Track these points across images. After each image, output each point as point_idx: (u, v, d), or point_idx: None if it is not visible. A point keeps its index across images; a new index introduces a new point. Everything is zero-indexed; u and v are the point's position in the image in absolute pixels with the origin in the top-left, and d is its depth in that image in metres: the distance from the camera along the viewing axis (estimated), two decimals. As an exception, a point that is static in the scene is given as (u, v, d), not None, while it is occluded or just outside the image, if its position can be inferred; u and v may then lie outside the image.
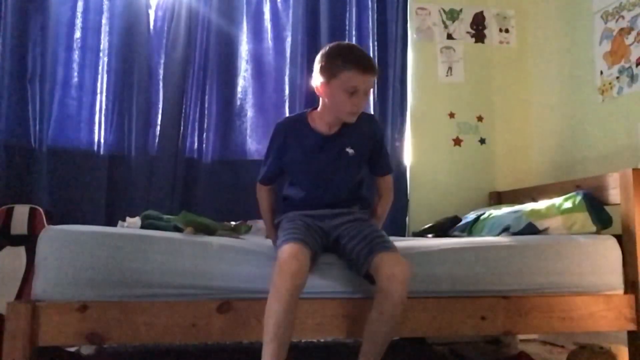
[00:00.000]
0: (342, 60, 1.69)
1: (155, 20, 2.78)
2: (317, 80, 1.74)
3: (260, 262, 1.69)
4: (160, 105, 2.75)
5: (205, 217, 1.99)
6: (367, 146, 1.86)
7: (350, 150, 1.82)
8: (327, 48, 1.76)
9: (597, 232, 2.02)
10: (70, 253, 1.59)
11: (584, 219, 2.00)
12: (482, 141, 3.09)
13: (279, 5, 2.94)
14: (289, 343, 1.51)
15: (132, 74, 2.69)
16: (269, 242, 1.91)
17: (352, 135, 1.82)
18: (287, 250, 1.53)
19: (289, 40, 2.91)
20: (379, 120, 2.88)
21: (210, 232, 1.89)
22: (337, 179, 1.83)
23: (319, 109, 1.82)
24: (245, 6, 2.88)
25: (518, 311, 1.80)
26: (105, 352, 2.23)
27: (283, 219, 1.84)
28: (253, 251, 1.74)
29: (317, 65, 1.74)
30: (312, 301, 1.68)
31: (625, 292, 1.89)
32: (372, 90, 1.78)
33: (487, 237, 2.14)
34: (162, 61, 2.77)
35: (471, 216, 2.51)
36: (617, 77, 2.46)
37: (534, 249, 1.88)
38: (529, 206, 2.22)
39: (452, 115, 3.08)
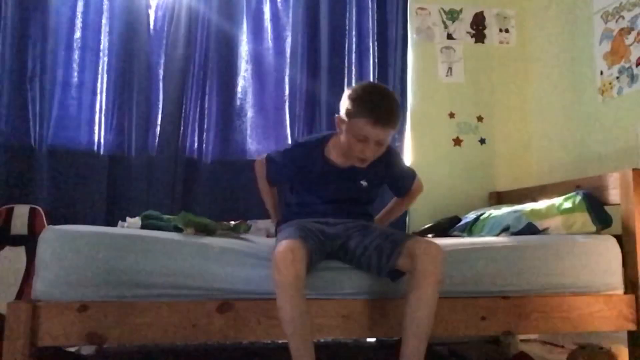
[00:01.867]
0: (358, 105, 1.62)
1: (155, 20, 2.78)
2: (340, 110, 1.71)
3: (261, 264, 1.69)
4: (160, 105, 2.74)
5: (204, 217, 1.99)
6: (381, 179, 1.92)
7: (364, 183, 1.84)
8: (358, 85, 1.73)
9: (597, 232, 2.02)
10: (70, 253, 1.59)
11: (583, 219, 2.00)
12: (482, 141, 3.09)
13: (279, 5, 2.94)
14: (313, 338, 1.50)
15: (132, 74, 2.69)
16: (270, 243, 1.90)
17: (368, 169, 1.79)
18: (283, 244, 1.52)
19: (289, 40, 2.90)
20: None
21: (210, 232, 1.89)
22: (345, 203, 1.87)
23: (338, 136, 1.78)
24: (245, 6, 2.88)
25: (518, 311, 1.80)
26: (105, 352, 2.23)
27: (283, 225, 1.86)
28: (253, 253, 1.74)
29: (344, 96, 1.71)
30: (312, 301, 1.67)
31: (625, 292, 1.89)
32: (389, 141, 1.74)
33: (487, 237, 2.14)
34: (162, 61, 2.76)
35: (471, 216, 2.51)
36: (617, 77, 2.46)
37: (534, 249, 1.88)
38: (528, 206, 2.22)
39: (452, 115, 3.07)
